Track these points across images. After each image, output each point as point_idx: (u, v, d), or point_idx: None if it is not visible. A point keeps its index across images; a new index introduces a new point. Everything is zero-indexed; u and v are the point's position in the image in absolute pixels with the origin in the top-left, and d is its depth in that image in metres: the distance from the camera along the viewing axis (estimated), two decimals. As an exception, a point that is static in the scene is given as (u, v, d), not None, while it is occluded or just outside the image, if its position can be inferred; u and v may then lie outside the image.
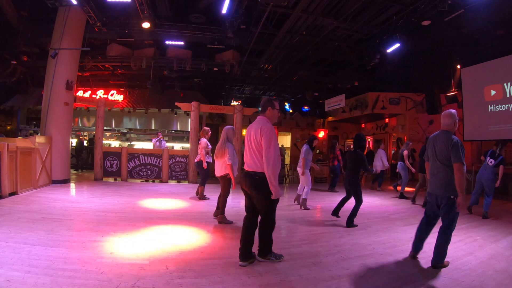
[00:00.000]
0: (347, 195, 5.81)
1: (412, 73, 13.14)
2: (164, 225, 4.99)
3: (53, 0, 8.54)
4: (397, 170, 9.10)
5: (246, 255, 3.49)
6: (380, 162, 10.03)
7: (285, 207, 6.99)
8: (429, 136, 3.93)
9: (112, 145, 14.64)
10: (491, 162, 6.55)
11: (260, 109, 3.67)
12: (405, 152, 8.82)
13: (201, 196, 7.40)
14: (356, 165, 5.57)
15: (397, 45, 9.03)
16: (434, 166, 3.70)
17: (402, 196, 8.68)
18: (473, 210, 6.80)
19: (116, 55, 12.48)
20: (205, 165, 7.10)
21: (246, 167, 3.56)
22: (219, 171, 5.35)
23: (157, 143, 11.17)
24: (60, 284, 2.78)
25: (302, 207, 6.86)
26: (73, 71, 9.43)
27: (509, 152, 11.24)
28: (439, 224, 3.71)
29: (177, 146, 16.17)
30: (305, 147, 6.98)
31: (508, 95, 9.50)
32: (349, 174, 5.63)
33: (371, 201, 8.06)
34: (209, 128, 7.53)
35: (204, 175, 7.33)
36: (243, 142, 5.46)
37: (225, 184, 5.33)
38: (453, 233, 4.41)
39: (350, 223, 5.41)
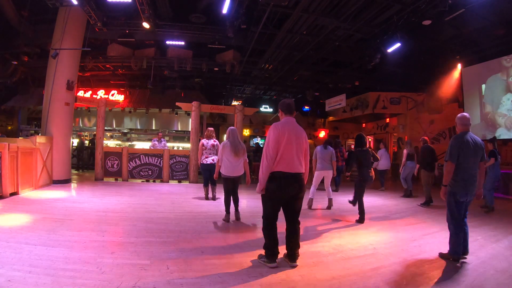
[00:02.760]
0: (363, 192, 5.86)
1: (413, 73, 13.13)
2: (164, 224, 5.00)
3: (53, 0, 8.55)
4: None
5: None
6: (385, 161, 10.24)
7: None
8: (458, 136, 3.84)
9: (113, 145, 14.66)
10: (500, 158, 7.01)
11: (288, 109, 3.69)
12: (405, 151, 8.96)
13: (213, 197, 7.45)
14: (370, 162, 5.83)
15: (397, 44, 9.03)
16: (474, 167, 3.78)
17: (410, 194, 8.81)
18: (474, 208, 6.84)
19: (117, 55, 12.51)
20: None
21: (291, 169, 3.37)
22: (239, 170, 5.43)
23: (157, 143, 11.15)
24: (61, 284, 2.78)
25: (308, 206, 6.80)
26: (74, 71, 9.43)
27: (510, 152, 11.22)
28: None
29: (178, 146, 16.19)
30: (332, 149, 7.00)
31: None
32: (368, 170, 5.77)
33: (372, 200, 8.05)
34: None
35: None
36: (244, 142, 5.51)
37: (237, 182, 5.56)
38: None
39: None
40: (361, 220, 5.64)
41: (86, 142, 14.57)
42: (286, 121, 3.56)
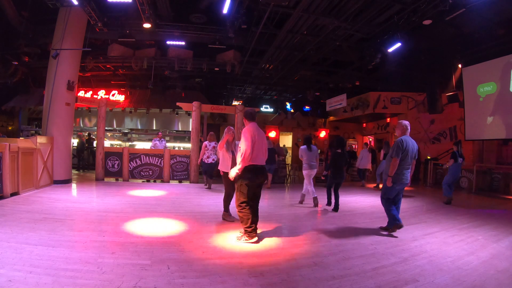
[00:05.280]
0: (336, 188, 6.75)
1: (413, 73, 13.11)
2: (166, 224, 5.00)
3: (54, 1, 8.56)
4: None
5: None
6: (365, 161, 11.19)
7: (287, 207, 7.00)
8: (403, 139, 4.77)
9: (114, 145, 14.67)
10: (461, 160, 7.92)
11: (251, 116, 4.60)
12: (382, 152, 9.92)
13: (209, 186, 9.22)
14: (346, 164, 6.97)
15: (398, 44, 9.01)
16: (409, 163, 4.82)
17: None
18: (474, 208, 6.83)
19: (117, 55, 12.52)
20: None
21: (260, 162, 4.32)
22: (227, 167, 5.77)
23: (158, 143, 11.17)
24: (62, 284, 2.79)
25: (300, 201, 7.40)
26: (74, 71, 9.43)
27: (511, 151, 11.22)
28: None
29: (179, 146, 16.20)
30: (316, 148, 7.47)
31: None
32: (343, 171, 6.80)
33: (372, 200, 8.05)
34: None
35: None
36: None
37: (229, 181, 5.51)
38: (455, 233, 4.93)
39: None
40: (328, 203, 6.91)
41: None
42: (254, 126, 4.44)
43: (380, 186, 9.79)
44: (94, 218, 5.29)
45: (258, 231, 4.49)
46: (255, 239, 4.23)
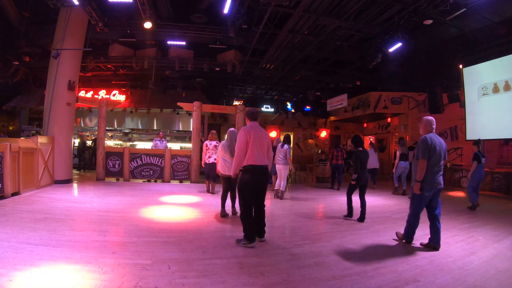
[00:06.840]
0: (362, 193, 5.90)
1: (414, 73, 13.10)
2: (165, 224, 5.01)
3: (54, 1, 8.57)
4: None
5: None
6: (374, 160, 10.66)
7: (288, 207, 7.00)
8: (427, 136, 4.22)
9: (114, 145, 14.68)
10: (484, 160, 7.35)
11: (252, 116, 4.43)
12: (398, 152, 9.56)
13: (213, 191, 8.48)
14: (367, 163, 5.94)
15: (399, 44, 8.99)
16: (439, 164, 4.17)
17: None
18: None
19: (118, 55, 12.51)
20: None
21: (258, 162, 4.14)
22: (228, 169, 5.67)
23: (159, 143, 11.19)
24: (63, 283, 2.79)
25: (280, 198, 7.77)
26: (75, 71, 9.45)
27: (512, 151, 11.20)
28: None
29: (178, 146, 16.20)
30: (288, 147, 7.93)
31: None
32: (366, 171, 5.90)
33: (373, 200, 8.05)
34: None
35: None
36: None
37: (234, 181, 5.57)
38: (456, 233, 4.88)
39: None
40: (349, 215, 5.93)
41: (89, 142, 14.58)
42: (252, 125, 4.35)
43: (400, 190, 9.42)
44: (95, 218, 5.29)
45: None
46: (254, 243, 4.05)
